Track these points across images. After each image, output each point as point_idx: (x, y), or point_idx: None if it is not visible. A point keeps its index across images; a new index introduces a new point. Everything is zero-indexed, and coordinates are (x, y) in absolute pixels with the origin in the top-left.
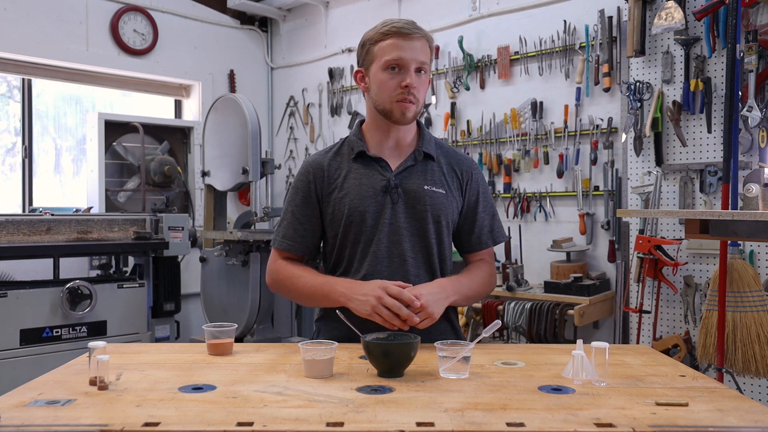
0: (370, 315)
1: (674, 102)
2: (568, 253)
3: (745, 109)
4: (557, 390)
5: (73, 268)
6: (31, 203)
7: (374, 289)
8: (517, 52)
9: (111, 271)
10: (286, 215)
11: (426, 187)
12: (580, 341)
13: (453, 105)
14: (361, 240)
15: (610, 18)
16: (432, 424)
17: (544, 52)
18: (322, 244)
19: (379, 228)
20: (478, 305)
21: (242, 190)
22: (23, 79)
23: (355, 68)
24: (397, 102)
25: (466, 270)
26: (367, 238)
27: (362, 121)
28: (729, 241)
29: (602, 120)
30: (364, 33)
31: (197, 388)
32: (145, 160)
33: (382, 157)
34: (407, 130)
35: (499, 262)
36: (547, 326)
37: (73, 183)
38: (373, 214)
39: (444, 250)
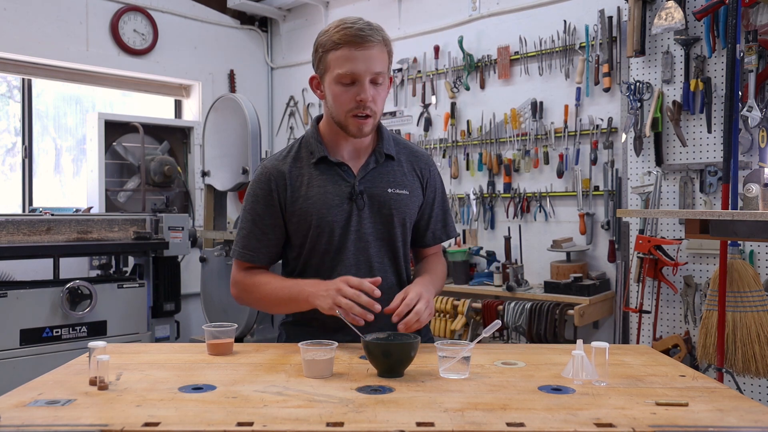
0: (331, 308)
1: (674, 102)
2: (568, 253)
3: (745, 109)
4: (557, 390)
5: (73, 268)
6: (31, 203)
7: (335, 282)
8: (517, 52)
9: (111, 271)
10: (246, 224)
11: (390, 190)
12: (580, 341)
13: (453, 105)
14: (330, 249)
15: (610, 18)
16: (432, 424)
17: (544, 52)
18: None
19: (346, 236)
20: (478, 305)
21: (242, 190)
22: (23, 79)
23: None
24: (352, 117)
25: (429, 267)
26: (335, 247)
27: (319, 119)
28: (729, 241)
29: (602, 120)
30: (318, 34)
31: (197, 388)
32: (145, 160)
33: (342, 160)
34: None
35: (499, 262)
36: (547, 326)
37: (73, 183)
38: (340, 223)
39: (407, 251)
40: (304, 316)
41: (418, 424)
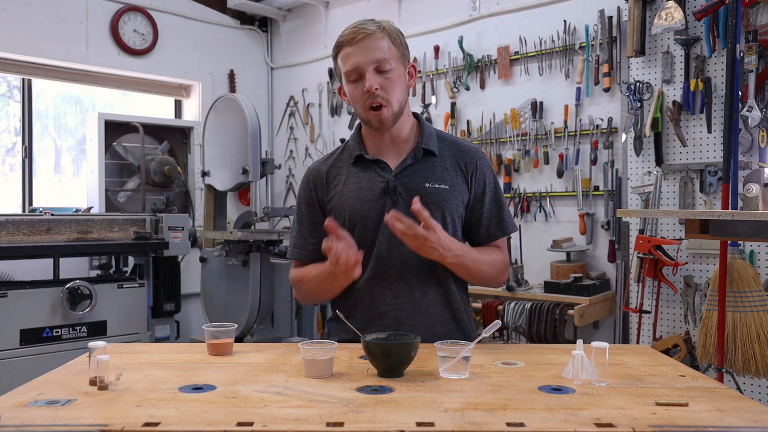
0: (343, 275)
1: (674, 102)
2: (568, 253)
3: (745, 109)
4: (557, 390)
5: (73, 268)
6: (31, 203)
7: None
8: (517, 52)
9: (111, 271)
10: (295, 225)
11: (427, 184)
12: (580, 341)
13: (453, 105)
14: (363, 245)
15: (610, 18)
16: (432, 424)
17: (544, 52)
18: None
19: (380, 231)
20: (478, 305)
21: (242, 190)
22: (23, 79)
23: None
24: (368, 110)
25: (481, 248)
26: (369, 242)
27: (361, 125)
28: (729, 241)
29: (602, 120)
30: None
31: (197, 388)
32: (145, 160)
33: (381, 158)
34: (400, 127)
35: None
36: (547, 326)
37: (73, 183)
38: (373, 217)
39: None
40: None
41: (418, 424)
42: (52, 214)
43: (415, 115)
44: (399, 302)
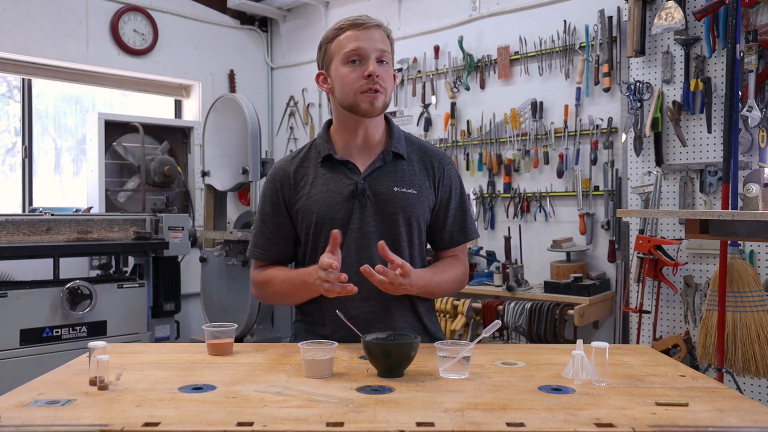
0: (326, 293)
1: (674, 102)
2: (568, 253)
3: (745, 109)
4: (557, 390)
5: (73, 268)
6: (31, 203)
7: (316, 270)
8: (517, 52)
9: (111, 271)
10: (257, 224)
11: (396, 188)
12: (580, 341)
13: (453, 105)
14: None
15: (610, 18)
16: (432, 424)
17: (544, 52)
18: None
19: (347, 234)
20: (478, 305)
21: (242, 190)
22: (23, 79)
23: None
24: (362, 93)
25: (439, 265)
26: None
27: (330, 123)
28: (729, 241)
29: (602, 120)
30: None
31: (197, 388)
32: (145, 160)
33: (349, 159)
34: (375, 128)
35: (499, 262)
36: (547, 326)
37: (73, 183)
38: (341, 220)
39: (415, 252)
40: (309, 316)
41: (418, 424)
42: (52, 214)
43: (385, 116)
44: (368, 305)
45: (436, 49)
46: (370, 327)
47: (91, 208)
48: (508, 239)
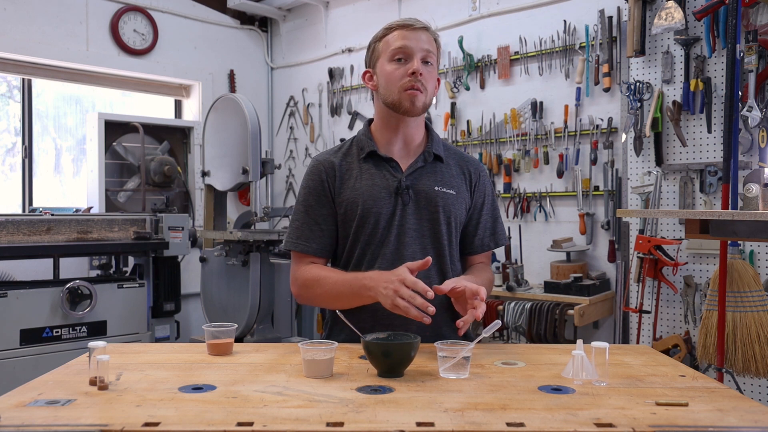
0: (391, 307)
1: (674, 102)
2: (568, 253)
3: (745, 109)
4: (557, 390)
5: (73, 268)
6: (31, 203)
7: (393, 281)
8: (517, 52)
9: (111, 271)
10: (299, 216)
11: (437, 188)
12: (580, 341)
13: (453, 105)
14: (371, 242)
15: (610, 18)
16: (432, 424)
17: (544, 52)
18: None
19: (389, 230)
20: None
21: (242, 190)
22: (23, 79)
23: (361, 69)
24: (405, 91)
25: (476, 272)
26: (378, 240)
27: (370, 121)
28: (729, 241)
29: (602, 120)
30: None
31: (197, 388)
32: (145, 160)
33: (392, 157)
34: (416, 129)
35: (499, 262)
36: (547, 326)
37: (73, 183)
38: (385, 216)
39: (453, 251)
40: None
41: (418, 424)
42: (52, 214)
43: (425, 123)
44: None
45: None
46: (410, 325)
47: (91, 208)
48: (508, 239)
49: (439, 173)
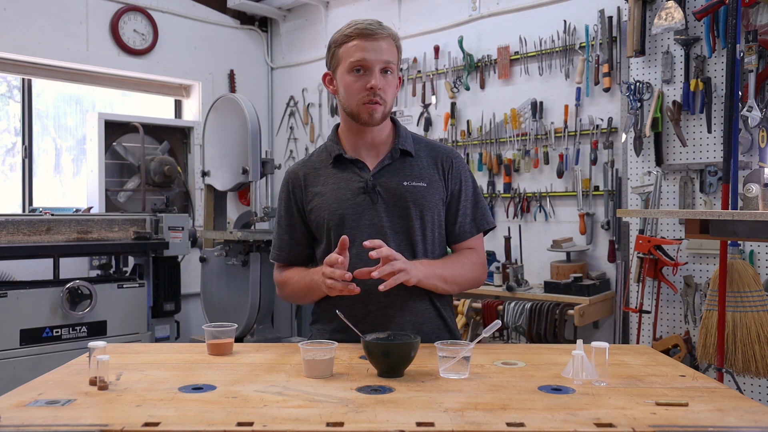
0: (330, 293)
1: (674, 102)
2: (568, 253)
3: (745, 109)
4: (557, 390)
5: (73, 268)
6: (31, 203)
7: (322, 269)
8: (517, 52)
9: (111, 271)
10: (275, 227)
11: (405, 183)
12: (580, 341)
13: (453, 105)
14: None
15: (610, 18)
16: (432, 424)
17: (544, 52)
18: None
19: (360, 229)
20: (478, 305)
21: (242, 190)
22: (23, 79)
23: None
24: (363, 104)
25: (448, 257)
26: (351, 241)
27: (338, 125)
28: (729, 241)
29: (602, 120)
30: (332, 35)
31: (197, 388)
32: (145, 160)
33: (359, 158)
34: (381, 129)
35: (499, 262)
36: (547, 326)
37: (73, 183)
38: (352, 216)
39: (428, 246)
40: (322, 317)
41: (418, 424)
42: (52, 214)
43: (391, 118)
44: (387, 300)
45: (436, 49)
46: (390, 323)
47: (91, 208)
48: (508, 239)
49: (407, 168)
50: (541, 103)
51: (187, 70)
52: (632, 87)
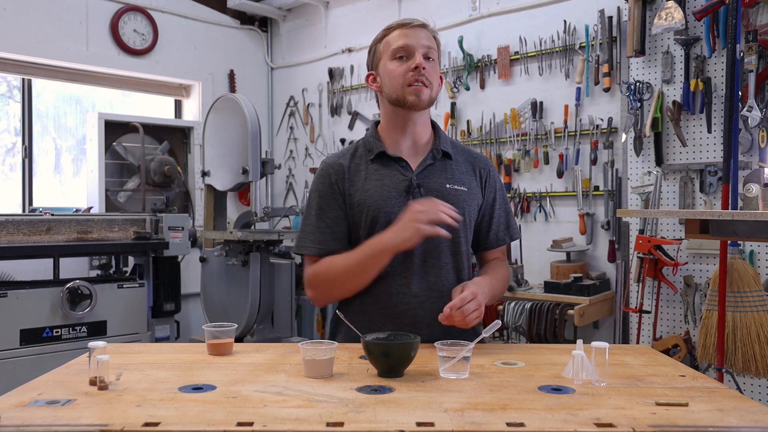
0: (418, 231)
1: (674, 102)
2: (568, 253)
3: (745, 109)
4: (557, 390)
5: (73, 268)
6: (31, 203)
7: (407, 212)
8: (517, 52)
9: (111, 271)
10: (311, 220)
11: (448, 185)
12: (580, 341)
13: (453, 105)
14: None
15: (610, 18)
16: (432, 424)
17: (544, 52)
18: None
19: None
20: None
21: (242, 190)
22: (23, 79)
23: (361, 69)
24: (409, 86)
25: (490, 270)
26: None
27: (377, 123)
28: (729, 241)
29: (602, 120)
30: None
31: (197, 388)
32: (145, 160)
33: (401, 156)
34: (423, 127)
35: None
36: (547, 326)
37: (73, 183)
38: (396, 215)
39: (469, 248)
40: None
41: (418, 424)
42: (52, 214)
43: (431, 122)
44: (417, 301)
45: None
46: (419, 324)
47: (91, 208)
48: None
49: (449, 170)
50: (541, 103)
51: (187, 70)
52: (632, 87)
